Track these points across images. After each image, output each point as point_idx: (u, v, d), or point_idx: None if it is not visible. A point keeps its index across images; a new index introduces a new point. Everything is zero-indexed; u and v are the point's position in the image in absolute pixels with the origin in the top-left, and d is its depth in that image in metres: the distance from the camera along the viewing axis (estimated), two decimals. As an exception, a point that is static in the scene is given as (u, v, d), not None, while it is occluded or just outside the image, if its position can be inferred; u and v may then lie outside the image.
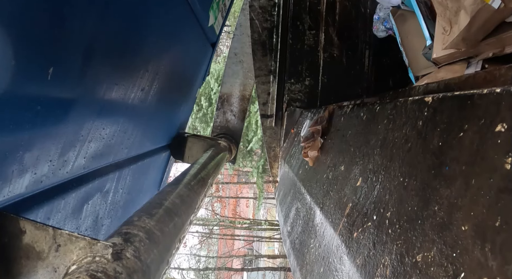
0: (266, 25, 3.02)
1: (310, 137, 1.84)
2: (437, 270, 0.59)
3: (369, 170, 1.04)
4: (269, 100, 3.18)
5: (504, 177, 0.54)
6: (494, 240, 0.51)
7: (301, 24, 3.05)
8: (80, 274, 0.67)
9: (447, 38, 1.95)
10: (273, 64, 3.09)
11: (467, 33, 1.80)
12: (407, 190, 0.79)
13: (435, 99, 0.84)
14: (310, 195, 1.56)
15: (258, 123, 8.35)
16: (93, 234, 1.62)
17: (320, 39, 3.06)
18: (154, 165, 2.49)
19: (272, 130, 3.34)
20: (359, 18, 3.12)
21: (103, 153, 1.49)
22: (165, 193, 1.22)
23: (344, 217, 1.07)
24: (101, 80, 1.26)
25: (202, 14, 2.11)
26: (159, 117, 2.23)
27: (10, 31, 0.77)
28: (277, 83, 3.08)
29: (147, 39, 1.55)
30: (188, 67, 2.53)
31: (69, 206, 1.33)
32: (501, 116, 0.59)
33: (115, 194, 1.78)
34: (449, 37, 1.92)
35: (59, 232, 0.75)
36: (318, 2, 3.06)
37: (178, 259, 14.46)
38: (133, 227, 0.87)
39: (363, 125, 1.28)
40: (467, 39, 1.85)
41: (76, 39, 1.02)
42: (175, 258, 1.33)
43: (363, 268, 0.83)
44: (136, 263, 0.76)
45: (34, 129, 0.98)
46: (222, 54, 12.07)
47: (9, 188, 0.95)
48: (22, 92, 0.88)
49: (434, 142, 0.76)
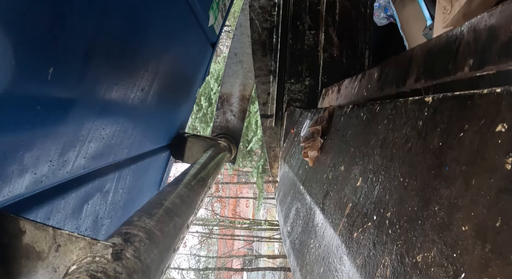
0: (266, 25, 3.02)
1: (310, 137, 1.84)
2: (438, 270, 0.59)
3: (369, 170, 1.04)
4: (269, 100, 3.18)
5: (504, 177, 0.54)
6: (495, 240, 0.51)
7: (301, 24, 3.05)
8: (80, 274, 0.67)
9: (447, 17, 1.94)
10: (273, 64, 3.09)
11: (468, 8, 1.78)
12: (407, 190, 0.79)
13: (435, 99, 0.84)
14: (310, 195, 1.56)
15: (258, 123, 8.35)
16: (93, 234, 1.62)
17: (320, 39, 3.06)
18: (154, 165, 2.49)
19: (272, 130, 3.34)
20: (359, 18, 3.12)
21: (103, 153, 1.49)
22: (165, 193, 1.22)
23: (344, 217, 1.07)
24: (101, 80, 1.26)
25: (202, 14, 2.11)
26: (159, 117, 2.23)
27: (10, 31, 0.77)
28: (277, 83, 3.08)
29: (147, 39, 1.55)
30: (188, 67, 2.53)
31: (69, 206, 1.33)
32: (501, 116, 0.59)
33: (115, 194, 1.78)
34: (449, 15, 1.91)
35: (59, 232, 0.75)
36: (318, 2, 3.06)
37: (178, 259, 14.46)
38: (133, 227, 0.87)
39: (363, 125, 1.28)
40: (468, 15, 1.83)
41: (76, 39, 1.02)
42: (175, 258, 1.33)
43: (363, 268, 0.83)
44: (136, 263, 0.76)
45: (34, 129, 0.98)
46: (222, 54, 12.08)
47: (9, 188, 0.95)
48: (22, 92, 0.88)
49: (434, 142, 0.76)
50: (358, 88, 1.66)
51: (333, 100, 2.12)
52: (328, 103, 2.25)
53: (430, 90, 1.01)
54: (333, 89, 2.21)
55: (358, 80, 1.69)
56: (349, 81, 1.88)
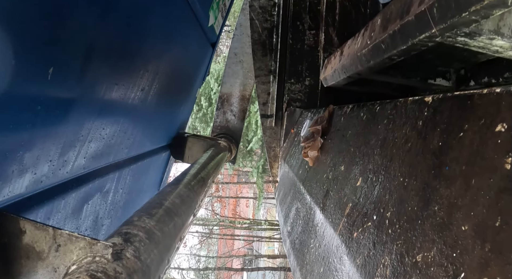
0: (266, 25, 3.02)
1: (310, 137, 1.84)
2: (437, 270, 0.59)
3: (369, 170, 1.04)
4: (269, 100, 3.18)
5: (504, 177, 0.54)
6: (494, 240, 0.51)
7: (301, 24, 3.05)
8: (80, 274, 0.67)
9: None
10: (273, 64, 3.09)
11: None
12: (407, 190, 0.79)
13: (435, 99, 0.84)
14: (310, 195, 1.56)
15: (258, 123, 8.35)
16: (93, 234, 1.62)
17: (320, 39, 3.06)
18: (154, 165, 2.49)
19: (272, 130, 3.34)
20: (359, 18, 3.11)
21: (103, 153, 1.49)
22: (165, 193, 1.22)
23: (344, 217, 1.07)
24: (101, 80, 1.26)
25: (202, 14, 2.11)
26: (159, 117, 2.23)
27: (10, 31, 0.77)
28: (277, 83, 3.08)
29: (147, 39, 1.55)
30: (188, 67, 2.53)
31: (69, 206, 1.33)
32: (501, 116, 0.59)
33: (115, 194, 1.78)
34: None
35: (59, 232, 0.75)
36: (318, 2, 3.06)
37: (178, 259, 14.46)
38: (133, 227, 0.87)
39: (363, 125, 1.28)
40: None
41: (76, 39, 1.02)
42: (175, 258, 1.33)
43: (363, 268, 0.83)
44: (136, 263, 0.76)
45: (34, 129, 0.98)
46: (222, 54, 12.08)
47: (9, 188, 0.95)
48: (22, 92, 0.88)
49: (434, 142, 0.76)
50: (361, 41, 1.62)
51: (336, 63, 2.06)
52: (330, 69, 2.20)
53: (434, 7, 0.98)
54: (335, 54, 2.16)
55: (361, 34, 1.66)
56: (352, 40, 1.86)
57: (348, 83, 2.11)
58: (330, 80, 2.27)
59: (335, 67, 2.06)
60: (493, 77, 1.56)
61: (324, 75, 2.44)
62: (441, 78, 1.75)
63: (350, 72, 1.81)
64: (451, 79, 1.75)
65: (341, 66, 1.95)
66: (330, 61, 2.29)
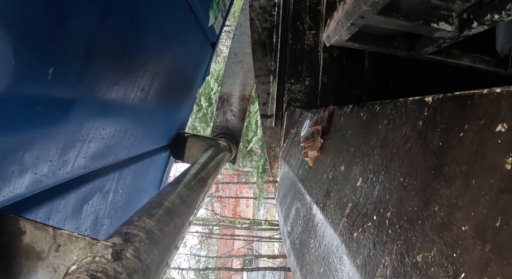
0: (266, 25, 3.02)
1: (310, 137, 1.84)
2: (437, 270, 0.59)
3: (369, 170, 1.04)
4: (269, 100, 3.18)
5: (504, 177, 0.54)
6: (494, 240, 0.51)
7: (301, 24, 3.05)
8: (80, 274, 0.67)
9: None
10: (273, 64, 3.09)
11: None
12: (407, 190, 0.79)
13: (435, 99, 0.84)
14: (310, 195, 1.56)
15: (258, 123, 8.35)
16: (93, 234, 1.62)
17: (320, 39, 3.06)
18: (154, 165, 2.49)
19: (272, 130, 3.34)
20: (359, 18, 3.11)
21: (103, 153, 1.49)
22: (165, 193, 1.22)
23: (344, 217, 1.07)
24: (101, 80, 1.26)
25: (202, 14, 2.11)
26: (159, 117, 2.23)
27: (10, 31, 0.77)
28: (277, 83, 3.08)
29: (147, 39, 1.55)
30: (188, 67, 2.53)
31: (69, 206, 1.33)
32: (501, 116, 0.59)
33: (115, 194, 1.78)
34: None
35: (59, 232, 0.75)
36: (318, 2, 3.06)
37: (178, 259, 14.46)
38: (133, 227, 0.87)
39: (363, 125, 1.28)
40: None
41: (76, 39, 1.02)
42: (175, 258, 1.33)
43: (363, 268, 0.83)
44: (136, 263, 0.76)
45: (34, 129, 0.98)
46: (222, 54, 12.08)
47: (9, 188, 0.95)
48: (22, 92, 0.88)
49: (434, 142, 0.76)
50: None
51: (339, 14, 1.95)
52: (333, 23, 2.08)
53: None
54: (338, 8, 2.09)
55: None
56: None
57: (351, 38, 2.04)
58: (333, 36, 2.15)
59: (338, 18, 1.99)
60: (495, 13, 1.50)
61: (327, 33, 2.32)
62: (444, 22, 1.72)
63: (354, 16, 1.74)
64: (453, 23, 1.72)
65: (344, 14, 1.88)
66: (332, 17, 2.21)
